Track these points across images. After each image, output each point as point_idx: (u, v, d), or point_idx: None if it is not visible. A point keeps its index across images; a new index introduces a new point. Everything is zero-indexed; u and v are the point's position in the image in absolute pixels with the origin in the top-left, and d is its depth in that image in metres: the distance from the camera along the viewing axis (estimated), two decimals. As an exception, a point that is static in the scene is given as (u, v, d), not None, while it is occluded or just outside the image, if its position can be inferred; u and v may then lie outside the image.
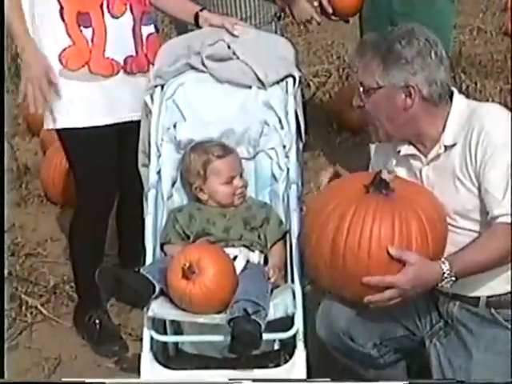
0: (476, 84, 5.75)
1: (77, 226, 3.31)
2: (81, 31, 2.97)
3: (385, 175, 2.35)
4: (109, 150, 3.16)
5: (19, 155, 4.95)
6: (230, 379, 2.49)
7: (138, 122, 3.05)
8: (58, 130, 3.13)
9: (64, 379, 2.95)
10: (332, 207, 2.36)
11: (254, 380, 2.51)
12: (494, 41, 6.76)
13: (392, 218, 2.30)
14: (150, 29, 3.13)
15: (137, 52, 3.08)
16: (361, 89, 2.45)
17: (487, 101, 5.40)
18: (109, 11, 2.98)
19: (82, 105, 3.04)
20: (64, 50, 2.98)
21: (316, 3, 3.90)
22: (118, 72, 3.04)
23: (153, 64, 3.09)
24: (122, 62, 3.04)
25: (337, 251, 2.32)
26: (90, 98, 3.04)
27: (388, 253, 2.27)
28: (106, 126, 3.08)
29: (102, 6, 2.98)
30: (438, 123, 2.44)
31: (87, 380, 2.82)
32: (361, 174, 2.59)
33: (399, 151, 2.53)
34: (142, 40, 3.08)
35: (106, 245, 3.52)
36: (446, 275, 2.30)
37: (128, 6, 3.02)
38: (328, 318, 2.66)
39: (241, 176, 2.86)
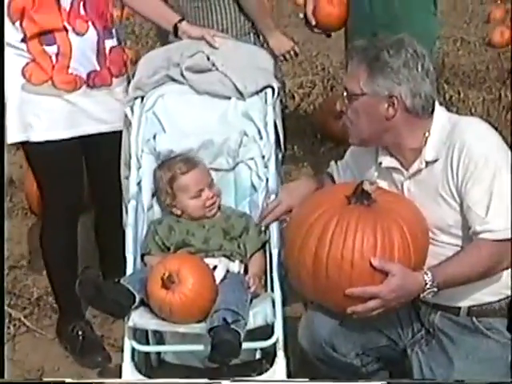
0: (459, 94, 5.80)
1: (45, 238, 3.32)
2: (43, 49, 2.97)
3: (366, 186, 2.36)
4: (72, 162, 3.18)
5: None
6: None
7: (103, 134, 3.09)
8: (22, 144, 3.14)
9: (67, 380, 2.94)
10: (314, 218, 2.37)
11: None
12: (477, 51, 6.83)
13: (374, 228, 2.31)
14: (113, 42, 3.13)
15: (100, 66, 3.08)
16: (345, 93, 2.45)
17: (470, 111, 5.45)
18: (73, 30, 2.98)
19: (45, 119, 3.04)
20: (26, 64, 2.99)
21: (301, 15, 3.91)
22: (80, 86, 3.05)
23: (116, 77, 3.11)
24: (85, 77, 3.05)
25: (319, 262, 2.33)
26: (53, 111, 3.05)
27: (371, 263, 2.28)
28: (70, 139, 3.08)
29: (64, 25, 2.98)
30: (419, 135, 2.44)
31: (89, 380, 2.83)
32: (342, 185, 2.60)
33: (380, 163, 2.54)
34: (105, 54, 3.09)
35: (87, 257, 3.55)
36: (428, 286, 2.31)
37: (90, 23, 3.03)
38: (310, 328, 2.67)
39: (210, 187, 2.85)
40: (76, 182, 3.22)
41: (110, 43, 3.11)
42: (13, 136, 3.09)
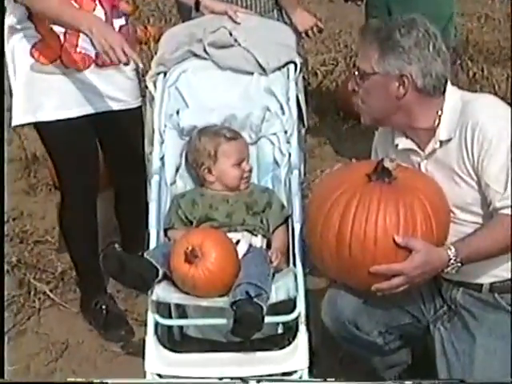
0: (483, 71, 5.74)
1: (65, 215, 3.36)
2: (51, 28, 2.97)
3: (387, 163, 2.35)
4: (85, 139, 3.19)
5: (27, 145, 4.97)
6: (232, 377, 2.47)
7: (115, 112, 3.12)
8: (34, 124, 3.16)
9: (69, 379, 2.98)
10: (335, 197, 2.37)
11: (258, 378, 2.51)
12: (502, 28, 6.74)
13: (396, 205, 2.31)
14: (121, 21, 3.12)
15: None
16: (356, 73, 2.46)
17: (494, 88, 5.41)
18: (80, 7, 2.97)
19: (55, 98, 3.06)
20: (35, 44, 2.99)
21: None
22: (89, 65, 3.06)
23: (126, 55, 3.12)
24: (93, 56, 3.04)
25: (343, 241, 2.33)
26: (63, 90, 3.06)
27: (394, 241, 2.28)
28: (81, 117, 3.10)
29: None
30: (431, 115, 2.44)
31: (91, 380, 2.87)
32: (362, 163, 2.60)
33: (397, 145, 2.54)
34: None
35: (109, 234, 3.58)
36: (452, 261, 2.31)
37: (97, 2, 3.02)
38: (334, 307, 2.67)
39: (248, 161, 2.89)
40: (90, 159, 3.23)
41: (118, 22, 3.10)
42: (23, 117, 3.11)
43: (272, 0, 3.61)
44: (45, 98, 3.05)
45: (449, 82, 2.47)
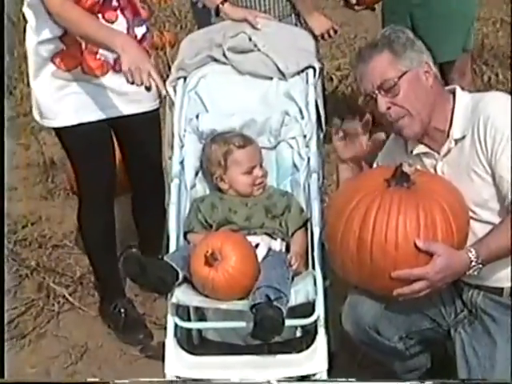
0: (498, 76, 5.74)
1: (83, 218, 3.39)
2: (74, 37, 2.99)
3: (406, 168, 2.36)
4: (103, 144, 3.23)
5: (45, 150, 5.01)
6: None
7: (133, 116, 3.15)
8: (55, 129, 3.20)
9: (88, 379, 3.01)
10: (355, 203, 2.37)
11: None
12: (517, 33, 6.73)
13: (416, 210, 2.31)
14: (143, 29, 3.17)
15: None
16: (382, 91, 2.45)
17: (510, 93, 5.40)
18: (103, 17, 3.01)
19: (75, 103, 3.10)
20: (57, 53, 3.03)
21: None
22: (107, 71, 3.09)
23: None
24: (111, 62, 3.08)
25: (364, 247, 2.33)
26: (82, 96, 3.09)
27: (415, 245, 2.28)
28: (99, 121, 3.14)
29: (95, 13, 2.99)
30: (447, 114, 2.48)
31: (91, 380, 2.89)
32: (380, 169, 2.61)
33: (411, 151, 2.56)
34: (136, 41, 3.07)
35: (127, 238, 3.59)
36: (473, 263, 2.31)
37: (119, 12, 3.05)
38: (354, 313, 2.68)
39: (261, 166, 2.89)
40: (108, 163, 3.27)
41: (140, 30, 3.15)
42: (44, 121, 3.17)
43: (289, 5, 3.62)
44: (65, 103, 3.09)
45: (458, 87, 2.53)
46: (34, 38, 3.03)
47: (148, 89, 2.74)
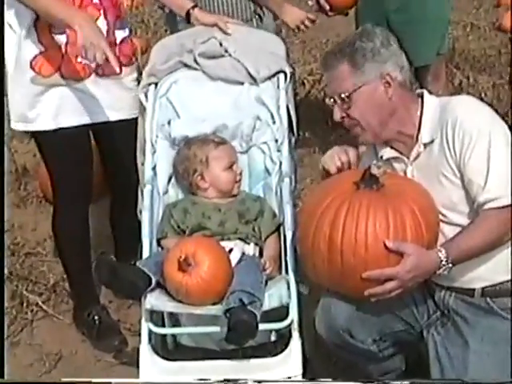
0: (468, 79, 5.79)
1: (58, 224, 3.36)
2: (52, 38, 2.99)
3: (374, 170, 2.38)
4: (81, 149, 3.20)
5: (17, 157, 4.98)
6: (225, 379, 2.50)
7: (114, 122, 3.12)
8: (32, 133, 3.19)
9: (64, 379, 2.99)
10: (325, 206, 2.39)
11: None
12: (487, 36, 6.80)
13: (385, 211, 2.33)
14: (124, 32, 3.15)
15: None
16: (338, 101, 2.47)
17: (480, 95, 5.44)
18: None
19: (53, 107, 3.07)
20: (35, 56, 3.00)
21: (311, 2, 3.88)
22: (89, 75, 3.07)
23: (126, 66, 3.12)
24: (94, 66, 3.04)
25: (334, 248, 2.34)
26: (62, 100, 3.07)
27: (385, 246, 2.30)
28: (79, 126, 3.12)
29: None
30: (414, 118, 2.48)
31: (92, 380, 2.87)
32: (349, 172, 2.62)
33: (381, 156, 2.57)
34: (115, 43, 3.09)
35: (101, 244, 3.58)
36: (443, 263, 2.33)
37: (102, 12, 3.03)
38: (328, 316, 2.69)
39: (237, 165, 2.91)
40: (85, 169, 3.25)
41: (121, 34, 3.12)
42: (20, 125, 3.13)
43: (250, 9, 3.58)
44: (43, 107, 3.07)
45: (425, 91, 2.54)
46: (14, 39, 3.00)
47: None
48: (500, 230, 2.35)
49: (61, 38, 3.00)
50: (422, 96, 2.53)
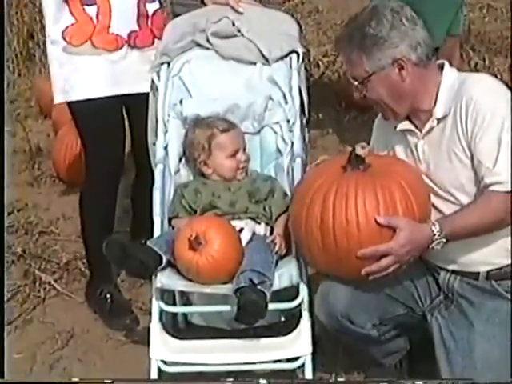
0: (485, 61, 5.76)
1: (86, 196, 3.38)
2: (84, 9, 3.05)
3: (358, 150, 2.42)
4: (114, 119, 3.23)
5: (31, 137, 5.00)
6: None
7: (145, 94, 3.09)
8: (68, 103, 3.21)
9: (74, 379, 3.01)
10: (314, 190, 2.41)
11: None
12: (504, 18, 6.74)
13: (373, 188, 2.34)
14: (155, 5, 3.20)
15: (141, 27, 3.14)
16: (355, 82, 2.47)
17: (496, 77, 5.40)
18: None
19: (86, 78, 3.11)
20: (67, 27, 3.07)
21: None
22: (122, 46, 3.12)
23: (159, 38, 3.14)
24: (125, 37, 3.11)
25: (327, 232, 2.36)
26: (94, 70, 3.11)
27: (377, 222, 2.31)
28: (112, 97, 3.14)
29: None
30: (431, 92, 2.46)
31: (94, 380, 2.89)
32: (337, 157, 2.66)
33: (395, 127, 2.56)
34: (147, 16, 3.15)
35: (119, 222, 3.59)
36: (436, 237, 2.33)
37: None
38: (326, 302, 2.68)
39: (244, 150, 2.90)
40: (117, 141, 3.27)
41: (152, 6, 3.18)
42: (57, 97, 3.18)
43: None
44: (76, 78, 3.11)
45: (446, 63, 2.50)
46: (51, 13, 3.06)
47: None
48: (498, 214, 2.34)
49: (91, 10, 3.05)
50: (442, 67, 2.50)
